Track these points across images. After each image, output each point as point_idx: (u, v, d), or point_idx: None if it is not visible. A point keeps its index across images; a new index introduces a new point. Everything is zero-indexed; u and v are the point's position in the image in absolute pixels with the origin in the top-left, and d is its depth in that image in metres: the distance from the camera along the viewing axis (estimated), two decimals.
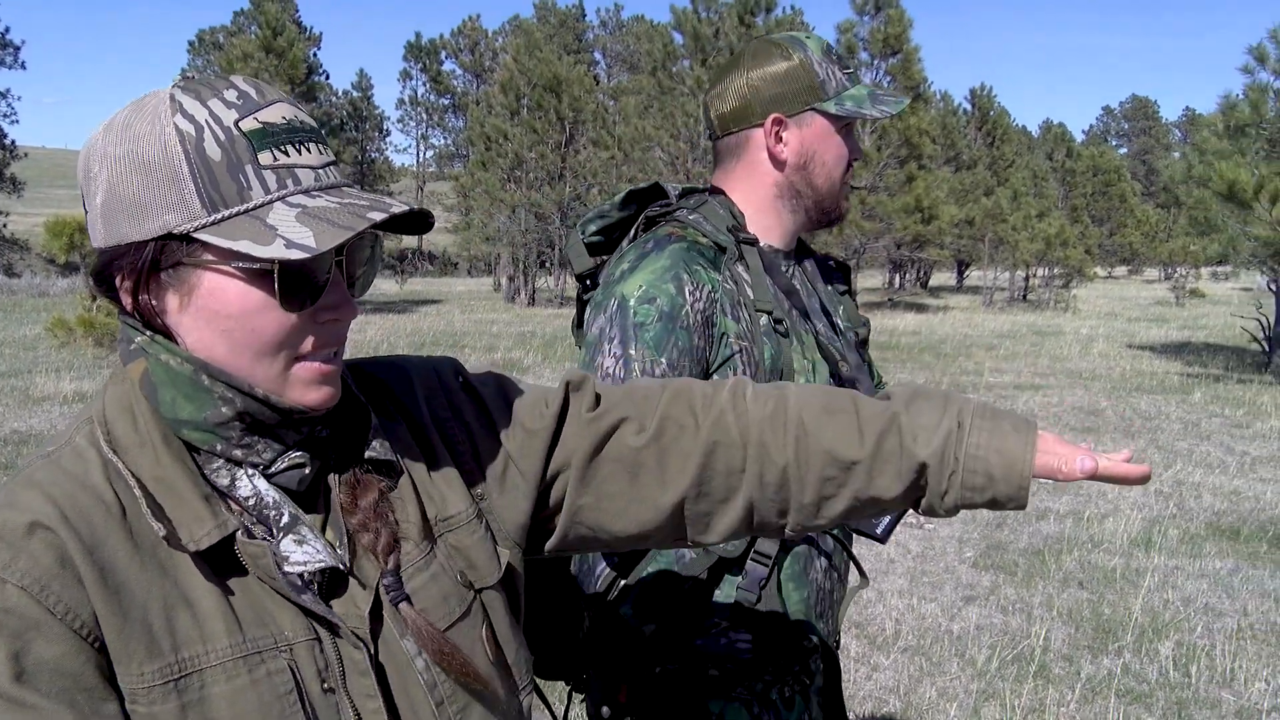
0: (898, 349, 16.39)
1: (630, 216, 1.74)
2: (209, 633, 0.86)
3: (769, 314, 1.61)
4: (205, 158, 0.85)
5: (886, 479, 1.06)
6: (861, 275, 28.52)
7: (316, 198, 0.88)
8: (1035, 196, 33.95)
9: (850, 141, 1.72)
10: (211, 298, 0.87)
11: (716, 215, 1.67)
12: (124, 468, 0.87)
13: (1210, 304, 29.60)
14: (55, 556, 0.81)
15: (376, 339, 16.43)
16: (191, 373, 0.88)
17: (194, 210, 0.85)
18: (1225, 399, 11.63)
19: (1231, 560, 5.79)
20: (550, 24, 60.59)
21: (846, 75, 1.69)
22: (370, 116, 58.30)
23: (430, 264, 52.82)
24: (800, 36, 1.72)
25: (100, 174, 0.88)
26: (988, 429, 1.04)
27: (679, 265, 1.56)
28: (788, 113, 1.67)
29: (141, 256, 0.87)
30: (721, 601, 1.60)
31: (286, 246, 0.83)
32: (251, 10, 31.83)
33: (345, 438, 1.01)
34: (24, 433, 8.26)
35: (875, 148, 25.39)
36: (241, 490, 0.91)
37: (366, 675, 0.93)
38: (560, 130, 28.44)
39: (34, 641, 0.79)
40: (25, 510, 0.83)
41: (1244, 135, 14.49)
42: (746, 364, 1.58)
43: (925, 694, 4.08)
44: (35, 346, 13.62)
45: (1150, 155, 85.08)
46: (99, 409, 0.92)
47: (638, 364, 1.52)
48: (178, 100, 0.87)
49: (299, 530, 0.91)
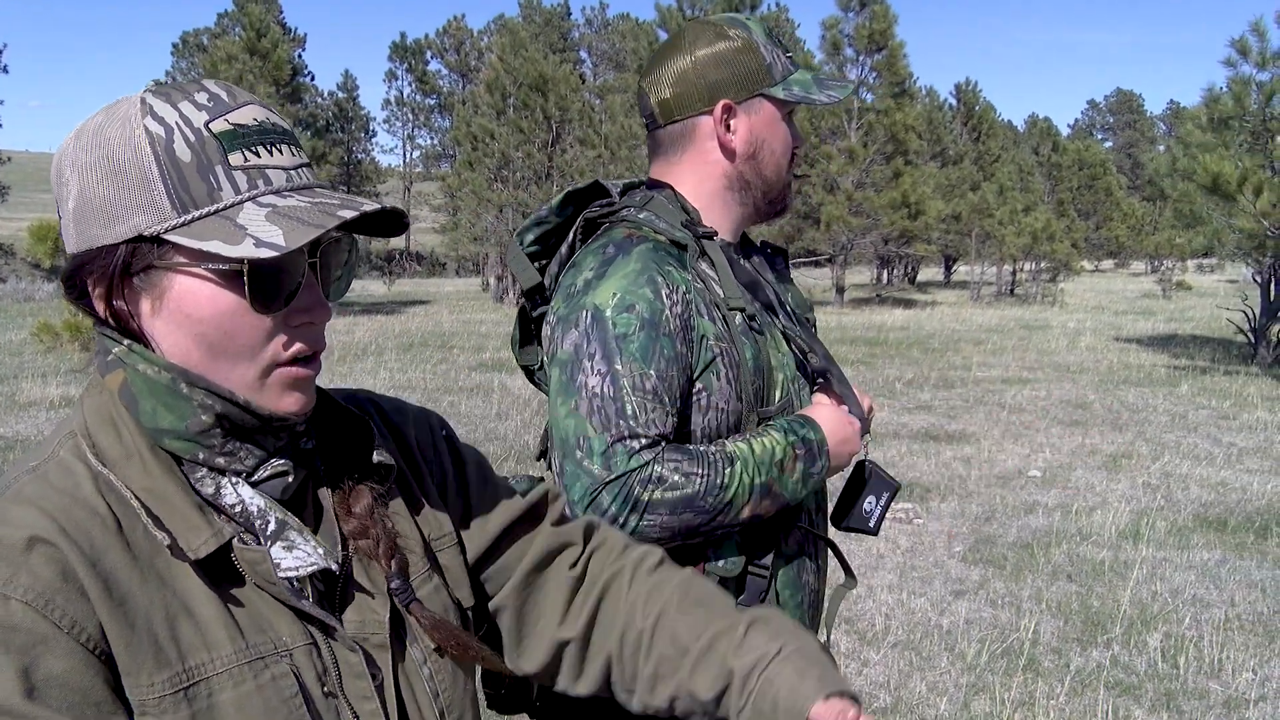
0: (885, 345, 16.42)
1: (570, 219, 1.63)
2: (212, 640, 0.86)
3: (742, 311, 1.54)
4: (175, 159, 0.84)
5: (706, 678, 1.05)
6: (849, 271, 28.56)
7: (288, 198, 0.87)
8: (1021, 191, 34.02)
9: (793, 128, 1.65)
10: (183, 301, 0.86)
11: (667, 211, 1.58)
12: (115, 480, 0.86)
13: (1196, 296, 29.74)
14: (57, 570, 0.80)
15: (365, 340, 16.39)
16: (170, 381, 0.87)
17: (164, 211, 0.84)
18: (1212, 391, 11.69)
19: (1219, 551, 5.81)
20: (535, 23, 60.45)
21: (788, 59, 1.61)
22: (356, 117, 58.10)
23: (418, 264, 52.68)
24: (740, 17, 1.62)
25: (72, 179, 0.87)
26: (797, 668, 1.01)
27: (651, 268, 1.47)
28: (736, 99, 1.57)
29: (112, 260, 0.86)
30: None
31: (256, 245, 0.82)
32: (235, 12, 31.68)
33: (335, 450, 1.02)
34: (10, 438, 8.21)
35: (861, 144, 25.45)
36: (227, 499, 0.90)
37: (362, 678, 0.93)
38: (547, 129, 28.41)
39: (42, 657, 0.77)
40: (21, 526, 0.81)
41: (1227, 128, 14.55)
42: (729, 366, 1.50)
43: (915, 688, 4.09)
44: (21, 352, 13.54)
45: (1135, 149, 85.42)
46: (80, 422, 0.90)
47: (626, 379, 1.42)
48: (148, 104, 0.86)
49: (287, 536, 0.91)
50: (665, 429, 1.44)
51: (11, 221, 37.86)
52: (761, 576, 1.54)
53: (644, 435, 1.42)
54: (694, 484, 1.41)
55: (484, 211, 28.59)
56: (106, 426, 0.89)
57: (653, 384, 1.43)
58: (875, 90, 26.31)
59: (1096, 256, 48.24)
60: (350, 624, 0.96)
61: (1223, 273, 41.92)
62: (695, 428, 1.51)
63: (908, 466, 7.83)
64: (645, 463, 1.40)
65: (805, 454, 1.51)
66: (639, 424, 1.42)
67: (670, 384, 1.45)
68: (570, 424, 1.44)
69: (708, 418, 1.51)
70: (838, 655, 4.37)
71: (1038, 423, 9.64)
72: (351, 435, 1.02)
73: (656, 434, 1.43)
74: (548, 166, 28.49)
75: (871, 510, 1.72)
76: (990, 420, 9.76)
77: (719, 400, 1.51)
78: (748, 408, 1.53)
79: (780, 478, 1.48)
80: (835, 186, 25.72)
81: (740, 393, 1.52)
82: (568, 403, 1.45)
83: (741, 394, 1.52)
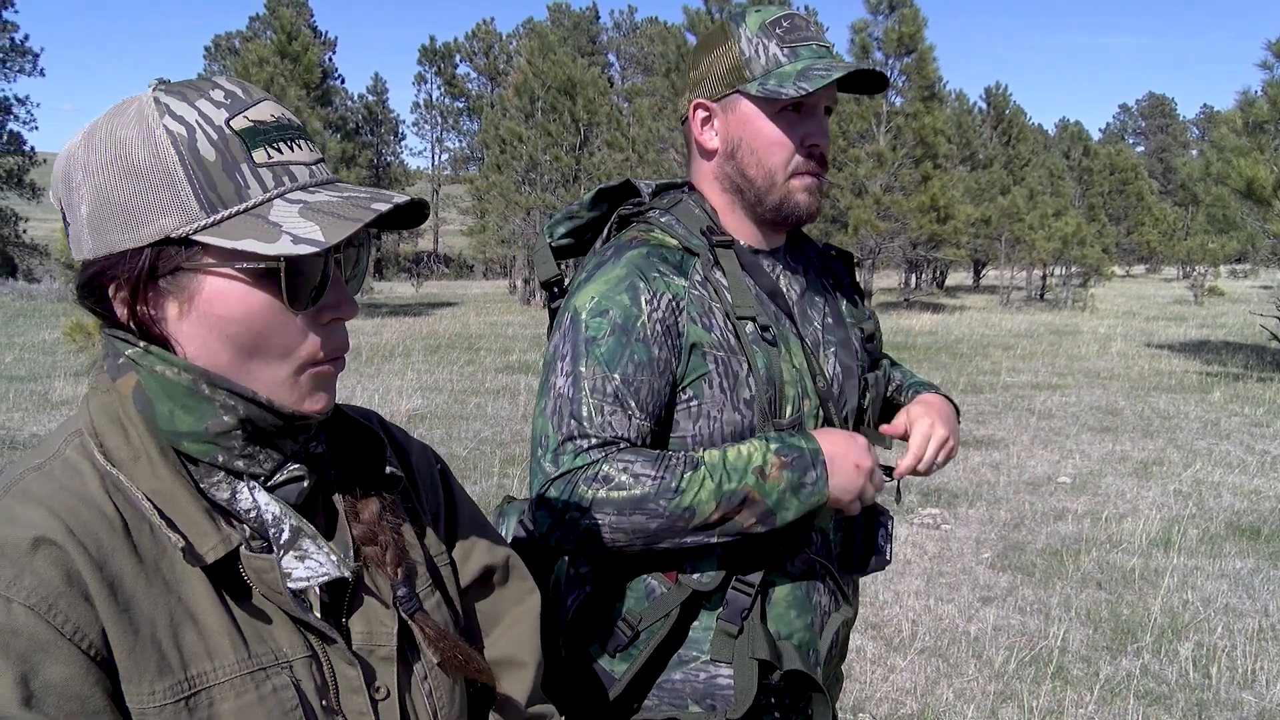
0: (914, 349, 16.33)
1: (603, 216, 1.63)
2: (215, 649, 0.84)
3: (754, 320, 1.49)
4: (200, 158, 0.83)
5: None
6: (877, 275, 28.44)
7: (315, 193, 0.86)
8: (1052, 195, 33.74)
9: (807, 125, 1.53)
10: (214, 302, 0.85)
11: (691, 216, 1.56)
12: (124, 480, 0.85)
13: (1229, 302, 29.39)
14: (61, 573, 0.78)
15: (392, 341, 16.47)
16: (190, 382, 0.86)
17: (192, 212, 0.83)
18: (1245, 398, 11.54)
19: (1252, 560, 5.73)
20: (564, 27, 60.61)
21: (789, 49, 1.50)
22: (385, 120, 58.43)
23: (446, 266, 52.95)
24: (746, 10, 1.57)
25: (85, 183, 0.85)
26: None
27: (634, 274, 1.46)
28: (711, 97, 1.55)
29: (137, 264, 0.84)
30: (699, 635, 1.51)
31: (294, 242, 0.81)
32: (267, 15, 32.01)
33: (346, 458, 1.02)
34: (43, 436, 8.29)
35: (890, 147, 25.32)
36: (242, 504, 0.89)
37: (359, 693, 0.92)
38: (575, 132, 28.45)
39: (41, 664, 0.75)
40: (28, 525, 0.79)
41: (1262, 132, 14.38)
42: (724, 375, 1.47)
43: (942, 695, 4.05)
44: (54, 351, 13.70)
45: (1168, 153, 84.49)
46: (86, 422, 0.89)
47: (587, 381, 1.43)
48: (163, 103, 0.85)
49: (301, 545, 0.90)
50: (624, 432, 1.44)
51: (45, 222, 38.34)
52: (745, 593, 1.49)
53: (595, 436, 1.42)
54: (643, 485, 1.38)
55: (511, 214, 28.67)
56: (114, 427, 0.87)
57: (614, 387, 1.43)
58: (904, 93, 26.18)
59: (1128, 262, 47.84)
60: (358, 634, 0.95)
61: (1256, 278, 41.41)
62: (687, 434, 1.49)
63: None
64: (592, 461, 1.40)
65: (793, 461, 1.41)
66: (591, 425, 1.42)
67: (637, 389, 1.44)
68: (539, 423, 1.47)
69: (699, 425, 1.48)
70: (864, 661, 4.35)
71: (1068, 429, 9.55)
72: (362, 446, 1.02)
73: (611, 436, 1.43)
74: (575, 169, 28.52)
75: (883, 546, 1.67)
76: (1019, 426, 9.68)
77: (711, 409, 1.48)
78: (760, 418, 1.48)
79: (761, 485, 1.40)
80: (863, 190, 25.60)
81: (738, 403, 1.48)
82: (540, 402, 1.48)
83: (740, 404, 1.48)
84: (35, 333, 16.25)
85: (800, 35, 1.52)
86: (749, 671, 1.47)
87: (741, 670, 1.48)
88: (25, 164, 37.53)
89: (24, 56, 37.34)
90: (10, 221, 36.15)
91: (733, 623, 1.48)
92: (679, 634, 1.51)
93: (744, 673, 1.48)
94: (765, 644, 1.48)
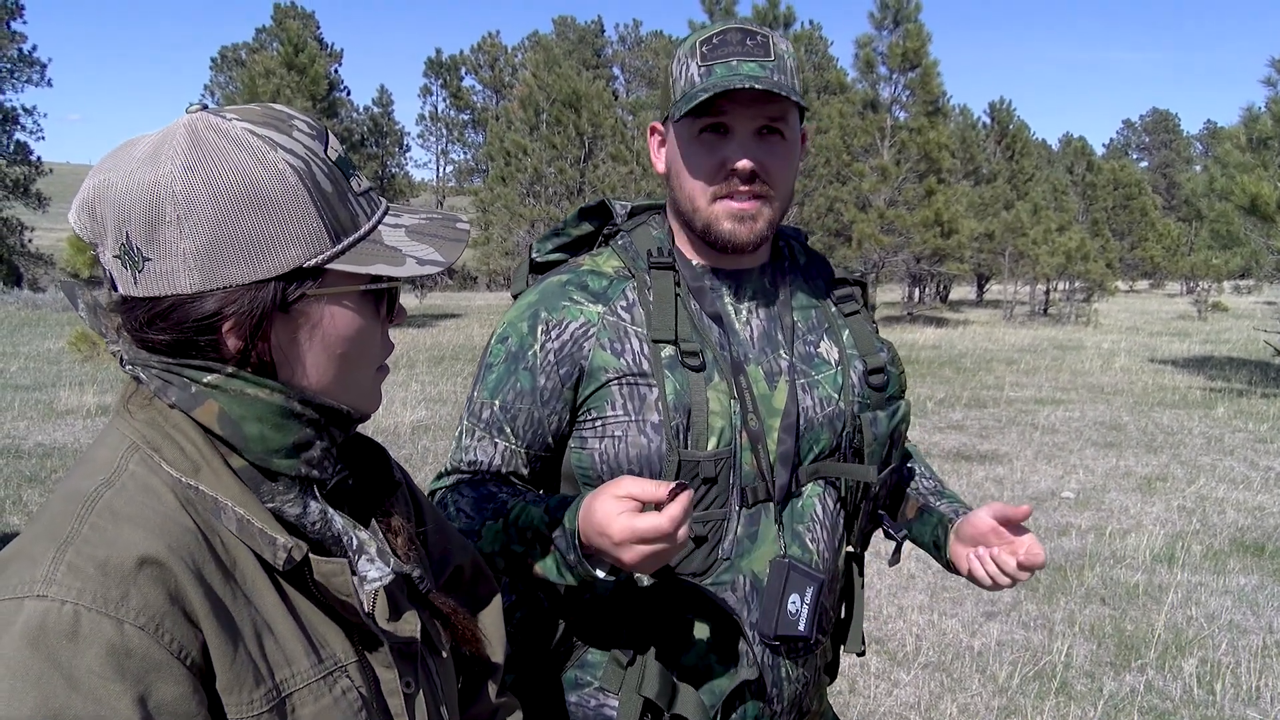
0: (917, 363, 16.32)
1: (594, 233, 1.65)
2: (291, 655, 0.86)
3: (674, 344, 1.43)
4: (321, 189, 0.86)
5: None
6: (881, 289, 28.45)
7: (400, 216, 0.93)
8: (1055, 210, 33.76)
9: (728, 147, 1.42)
10: (335, 325, 0.89)
11: (646, 238, 1.55)
12: (205, 489, 0.85)
13: (1233, 318, 29.37)
14: (165, 592, 0.78)
15: (396, 353, 16.44)
16: (283, 400, 0.87)
17: (323, 242, 0.86)
18: (1249, 414, 11.53)
19: (1256, 576, 5.73)
20: (569, 40, 60.83)
21: (705, 68, 1.41)
22: (391, 132, 58.44)
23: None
24: (696, 32, 1.49)
25: (192, 216, 0.81)
26: None
27: (541, 303, 1.48)
28: (661, 120, 1.56)
29: (260, 297, 0.84)
30: (596, 659, 1.45)
31: (419, 264, 0.88)
32: (273, 27, 32.15)
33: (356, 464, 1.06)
34: (48, 445, 8.33)
35: (894, 162, 25.37)
36: (311, 515, 0.90)
37: (395, 695, 0.95)
38: (579, 145, 28.52)
39: (155, 684, 0.76)
40: (129, 545, 0.79)
41: (1266, 148, 14.41)
42: (628, 398, 1.42)
43: (946, 710, 4.05)
44: (59, 360, 13.73)
45: (1171, 169, 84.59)
46: (139, 436, 0.87)
47: (472, 405, 1.49)
48: (262, 134, 0.84)
49: (367, 549, 0.93)
50: (488, 458, 1.47)
51: (51, 232, 38.46)
52: (619, 664, 1.42)
53: (461, 462, 1.48)
54: (461, 522, 1.39)
55: (516, 226, 28.71)
56: (167, 441, 0.87)
57: (490, 414, 1.47)
58: (909, 108, 26.23)
59: (1131, 277, 47.77)
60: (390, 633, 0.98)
61: (1260, 294, 41.38)
62: (594, 452, 1.44)
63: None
64: (442, 487, 1.48)
65: (559, 537, 1.26)
66: (461, 451, 1.49)
67: (514, 415, 1.46)
68: None
69: (604, 444, 1.43)
70: (867, 675, 4.34)
71: (1071, 444, 9.55)
72: (366, 453, 1.07)
73: (469, 462, 1.47)
74: (579, 182, 28.58)
75: (797, 611, 1.45)
76: (1023, 441, 9.68)
77: (614, 429, 1.43)
78: (667, 445, 1.40)
79: (538, 555, 1.29)
80: (867, 204, 25.63)
81: (644, 426, 1.41)
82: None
83: (647, 428, 1.41)
84: (40, 342, 16.29)
85: (723, 52, 1.41)
86: (632, 708, 1.39)
87: (625, 705, 1.40)
88: (32, 174, 37.54)
89: (32, 67, 37.46)
90: (16, 231, 36.22)
91: (625, 652, 1.42)
92: (572, 651, 1.47)
93: (627, 709, 1.39)
94: (657, 681, 1.39)
